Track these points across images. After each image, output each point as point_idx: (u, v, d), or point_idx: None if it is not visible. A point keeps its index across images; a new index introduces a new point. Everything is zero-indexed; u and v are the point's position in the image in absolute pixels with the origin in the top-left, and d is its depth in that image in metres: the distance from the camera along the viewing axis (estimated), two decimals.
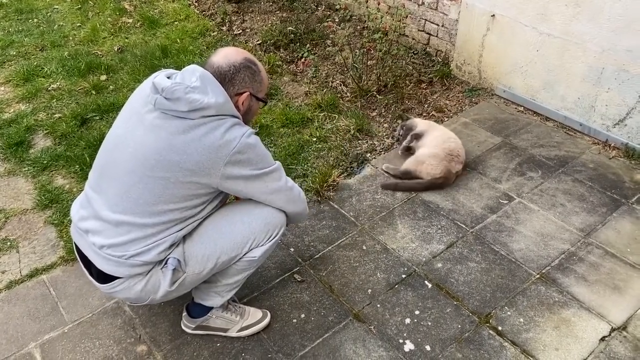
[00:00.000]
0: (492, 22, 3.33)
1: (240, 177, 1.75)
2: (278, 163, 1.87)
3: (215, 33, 4.49)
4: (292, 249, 2.49)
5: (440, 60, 3.86)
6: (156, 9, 4.98)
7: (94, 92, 3.71)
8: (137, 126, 1.74)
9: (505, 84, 3.47)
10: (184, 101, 1.66)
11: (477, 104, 3.50)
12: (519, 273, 2.32)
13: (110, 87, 3.79)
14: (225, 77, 1.76)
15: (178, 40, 4.35)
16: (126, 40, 4.46)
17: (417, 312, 2.17)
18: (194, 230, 1.85)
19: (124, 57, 4.16)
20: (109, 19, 4.77)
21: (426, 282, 2.30)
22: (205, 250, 1.83)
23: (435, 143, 2.85)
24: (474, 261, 2.39)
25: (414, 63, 3.89)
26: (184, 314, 2.12)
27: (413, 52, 3.99)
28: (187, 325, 2.12)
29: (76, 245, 1.89)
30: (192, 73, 1.73)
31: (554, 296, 2.21)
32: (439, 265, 2.38)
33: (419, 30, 3.93)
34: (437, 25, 3.77)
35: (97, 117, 3.43)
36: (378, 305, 2.21)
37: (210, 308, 2.06)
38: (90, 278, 1.88)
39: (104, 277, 1.80)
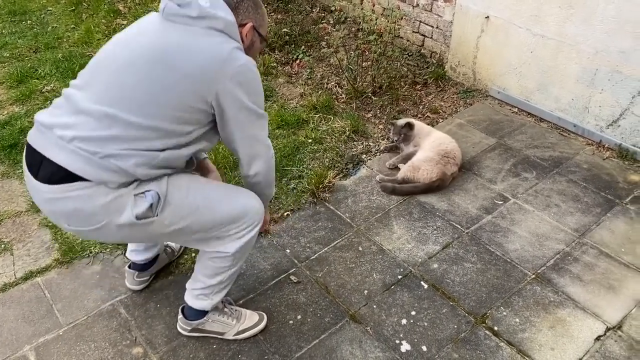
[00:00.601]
0: (486, 24, 3.35)
1: (236, 101, 1.66)
2: (266, 114, 1.81)
3: None
4: (287, 250, 2.49)
5: (434, 61, 3.87)
6: (150, 10, 4.97)
7: None
8: (145, 31, 1.69)
9: (499, 85, 3.49)
10: (195, 5, 1.61)
11: (471, 105, 3.52)
12: (514, 273, 2.33)
13: None
14: (230, 4, 1.71)
15: None
16: None
17: (413, 313, 2.17)
18: (181, 180, 1.75)
19: None
20: (103, 20, 4.75)
21: (422, 282, 2.31)
22: (185, 204, 1.73)
23: (429, 147, 2.85)
24: (469, 262, 2.39)
25: (409, 65, 3.90)
26: (180, 316, 2.09)
27: (408, 54, 4.00)
28: (183, 327, 2.10)
29: (28, 148, 1.67)
30: None
31: (550, 296, 2.22)
32: (435, 265, 2.38)
33: (413, 31, 3.94)
34: (432, 27, 3.79)
35: None
36: (374, 306, 2.21)
37: (206, 312, 2.03)
38: (32, 182, 1.64)
39: (57, 179, 1.59)
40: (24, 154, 1.70)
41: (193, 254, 2.47)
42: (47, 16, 4.87)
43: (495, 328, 2.10)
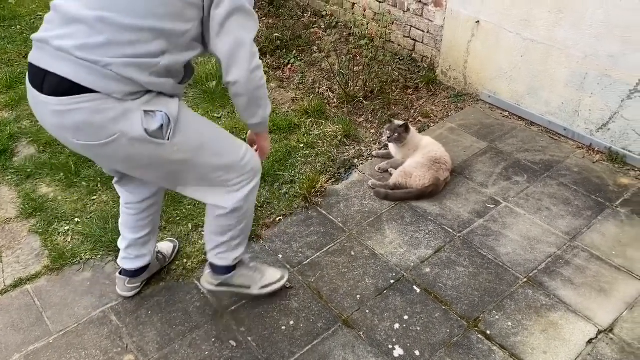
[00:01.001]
0: (477, 29, 3.36)
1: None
2: (257, 17, 1.73)
3: None
4: (280, 256, 2.48)
5: (426, 66, 3.89)
6: None
7: None
8: None
9: (490, 89, 3.50)
10: None
11: (462, 109, 3.53)
12: (506, 277, 2.33)
13: None
14: None
15: None
16: None
17: (406, 317, 2.17)
18: (192, 116, 1.80)
19: None
20: None
21: (415, 287, 2.31)
22: (193, 138, 1.74)
23: (420, 153, 2.85)
24: (461, 265, 2.40)
25: (400, 69, 3.91)
26: (207, 270, 2.13)
27: (399, 58, 4.02)
28: (210, 282, 2.13)
29: (30, 67, 1.63)
30: None
31: (542, 299, 2.23)
32: (427, 270, 2.38)
33: (404, 36, 3.96)
34: (423, 31, 3.80)
35: None
36: (367, 311, 2.20)
37: (234, 268, 2.10)
38: (39, 96, 1.61)
39: (63, 90, 1.56)
40: (27, 75, 1.67)
41: (185, 260, 2.46)
42: (37, 21, 4.83)
43: (488, 332, 2.10)
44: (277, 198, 2.79)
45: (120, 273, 2.27)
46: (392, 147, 2.99)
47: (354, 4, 4.32)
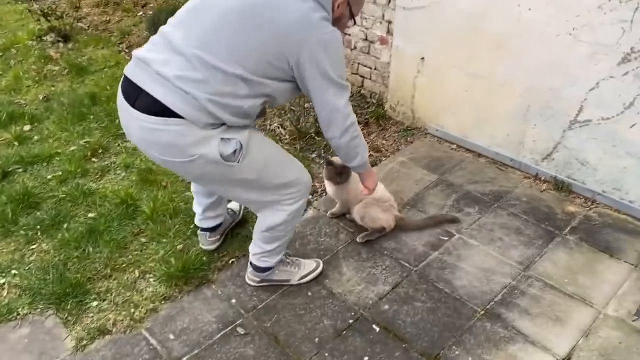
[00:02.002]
0: (422, 65, 3.44)
1: (317, 66, 1.80)
2: (348, 84, 1.95)
3: None
4: (233, 300, 2.38)
5: (374, 101, 3.93)
6: (84, 56, 4.84)
7: (16, 143, 3.50)
8: None
9: (437, 123, 3.57)
10: None
11: (412, 143, 3.57)
12: (464, 310, 2.32)
13: (35, 137, 3.61)
14: None
15: (108, 87, 4.22)
16: (52, 88, 4.28)
17: (366, 359, 2.11)
18: (259, 137, 2.02)
19: (49, 105, 3.98)
20: (33, 66, 4.58)
21: (374, 325, 2.26)
22: (259, 160, 1.97)
23: (369, 199, 2.67)
24: (419, 301, 2.37)
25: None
26: (249, 269, 2.40)
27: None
28: (252, 279, 2.41)
29: (125, 80, 1.84)
30: None
31: (500, 332, 2.22)
32: (386, 307, 2.34)
33: (352, 73, 4.01)
34: (370, 68, 3.86)
35: (20, 170, 3.24)
36: (326, 354, 2.13)
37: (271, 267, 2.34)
38: (128, 109, 1.82)
39: (155, 111, 1.76)
40: (120, 85, 1.88)
41: (132, 310, 2.32)
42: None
43: None
44: (229, 239, 2.70)
45: (201, 230, 2.57)
46: (333, 187, 2.72)
47: None
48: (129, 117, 1.84)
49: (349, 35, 3.86)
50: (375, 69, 3.83)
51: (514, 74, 3.00)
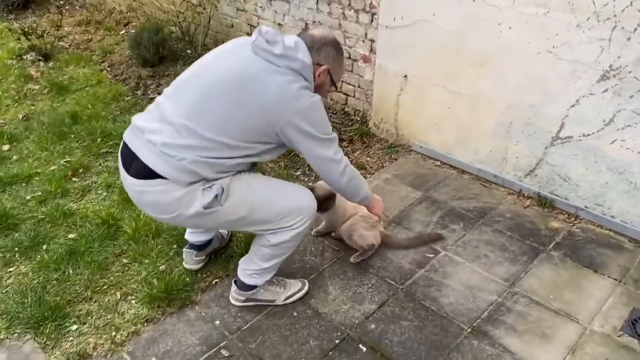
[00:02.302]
0: (405, 83, 3.47)
1: (299, 130, 1.94)
2: (334, 135, 2.07)
3: (130, 97, 4.37)
4: (217, 322, 2.34)
5: (358, 119, 3.95)
6: (65, 74, 4.80)
7: None
8: (231, 57, 2.00)
9: (421, 140, 3.59)
10: (280, 45, 1.91)
11: (396, 160, 3.58)
12: (451, 328, 2.30)
13: (14, 157, 3.54)
14: (315, 45, 2.01)
15: (89, 106, 4.18)
16: (32, 107, 4.23)
17: None
18: (243, 177, 2.06)
19: (29, 125, 3.93)
20: (12, 85, 4.53)
21: (360, 345, 2.23)
22: (245, 197, 2.04)
23: (356, 217, 2.67)
24: (406, 319, 2.35)
25: (334, 122, 3.94)
26: (234, 287, 2.37)
27: (332, 112, 4.06)
28: (237, 298, 2.38)
29: (124, 145, 2.03)
30: (290, 38, 1.98)
31: (487, 349, 2.20)
32: (372, 326, 2.32)
33: (336, 91, 4.02)
34: (354, 86, 3.88)
35: None
36: None
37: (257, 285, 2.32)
38: (124, 174, 2.03)
39: (144, 175, 1.94)
40: (120, 147, 2.07)
41: (113, 333, 2.26)
42: None
43: None
44: (213, 260, 2.66)
45: (187, 248, 2.56)
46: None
47: None
48: (126, 182, 2.05)
49: None
50: (358, 86, 3.85)
51: (495, 91, 3.03)
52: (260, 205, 2.07)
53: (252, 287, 2.34)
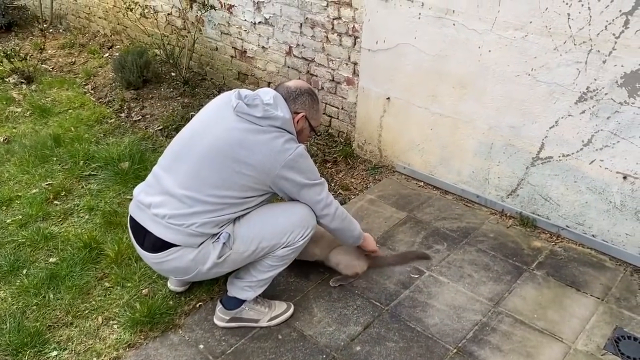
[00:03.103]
0: (388, 105, 3.51)
1: (289, 180, 2.11)
2: (322, 180, 2.24)
3: (113, 120, 4.35)
4: (201, 346, 2.30)
5: (342, 140, 3.97)
6: (48, 97, 4.78)
7: None
8: (216, 124, 2.12)
9: (404, 161, 3.62)
10: (261, 108, 2.07)
11: (380, 181, 3.60)
12: (436, 349, 2.30)
13: None
14: (291, 96, 2.21)
15: (72, 129, 4.16)
16: (14, 130, 4.19)
17: None
18: (243, 216, 2.18)
19: (10, 147, 3.89)
20: None
21: None
22: (250, 233, 2.16)
23: (340, 248, 2.67)
24: (391, 341, 2.34)
25: (318, 144, 3.97)
26: (219, 307, 2.39)
27: (316, 133, 4.08)
28: (222, 317, 2.37)
29: (132, 219, 2.20)
30: (267, 93, 2.16)
31: None
32: (358, 348, 2.30)
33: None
34: (337, 108, 3.92)
35: None
36: None
37: (244, 301, 2.34)
38: (140, 250, 2.20)
39: (158, 247, 2.11)
40: (128, 221, 2.25)
41: (95, 359, 2.22)
42: None
43: None
44: (196, 283, 2.63)
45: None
46: None
47: (269, 83, 4.41)
48: (144, 258, 2.23)
49: (316, 76, 3.93)
50: (342, 108, 3.88)
51: (477, 112, 3.08)
52: (266, 233, 2.18)
53: (238, 304, 2.34)
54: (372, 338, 2.35)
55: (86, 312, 2.47)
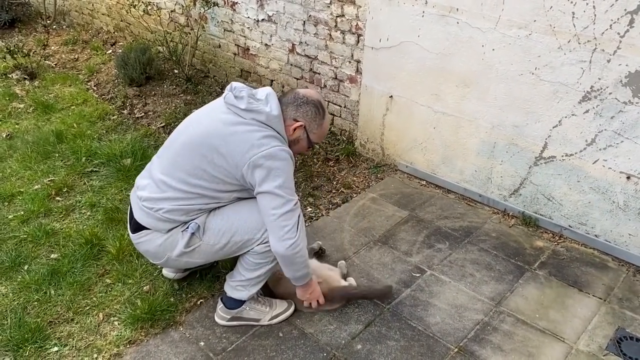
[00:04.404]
0: (391, 103, 3.50)
1: (256, 178, 2.01)
2: (293, 197, 2.06)
3: (116, 117, 4.35)
4: (202, 343, 2.30)
5: (345, 138, 3.97)
6: (51, 93, 4.78)
7: None
8: (207, 115, 2.14)
9: (407, 159, 3.61)
10: (245, 100, 2.05)
11: (382, 179, 3.59)
12: (437, 348, 2.29)
13: None
14: (295, 101, 2.14)
15: (75, 125, 4.16)
16: (16, 126, 4.19)
17: None
18: (218, 209, 2.17)
19: (13, 143, 3.89)
20: None
21: None
22: (222, 226, 2.14)
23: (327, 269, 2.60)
24: (392, 339, 2.33)
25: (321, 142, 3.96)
26: (220, 306, 2.37)
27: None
28: (223, 316, 2.36)
29: (130, 204, 2.27)
30: (263, 91, 2.14)
31: None
32: (359, 346, 2.30)
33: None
34: (340, 106, 3.91)
35: None
36: None
37: (244, 301, 2.32)
38: (129, 230, 2.27)
39: (135, 228, 2.20)
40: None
41: (95, 355, 2.22)
42: None
43: None
44: (197, 280, 2.63)
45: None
46: None
47: (272, 81, 4.40)
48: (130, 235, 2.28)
49: (319, 74, 3.92)
50: (345, 107, 3.88)
51: (480, 111, 3.07)
52: (238, 227, 2.15)
53: (238, 304, 2.33)
54: (373, 336, 2.35)
55: (87, 308, 2.47)
